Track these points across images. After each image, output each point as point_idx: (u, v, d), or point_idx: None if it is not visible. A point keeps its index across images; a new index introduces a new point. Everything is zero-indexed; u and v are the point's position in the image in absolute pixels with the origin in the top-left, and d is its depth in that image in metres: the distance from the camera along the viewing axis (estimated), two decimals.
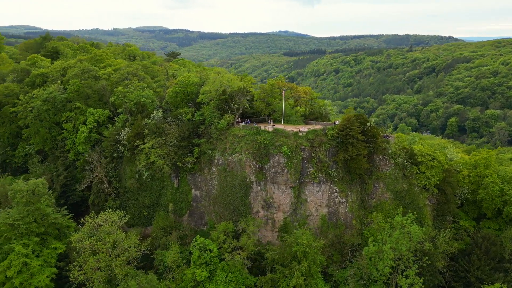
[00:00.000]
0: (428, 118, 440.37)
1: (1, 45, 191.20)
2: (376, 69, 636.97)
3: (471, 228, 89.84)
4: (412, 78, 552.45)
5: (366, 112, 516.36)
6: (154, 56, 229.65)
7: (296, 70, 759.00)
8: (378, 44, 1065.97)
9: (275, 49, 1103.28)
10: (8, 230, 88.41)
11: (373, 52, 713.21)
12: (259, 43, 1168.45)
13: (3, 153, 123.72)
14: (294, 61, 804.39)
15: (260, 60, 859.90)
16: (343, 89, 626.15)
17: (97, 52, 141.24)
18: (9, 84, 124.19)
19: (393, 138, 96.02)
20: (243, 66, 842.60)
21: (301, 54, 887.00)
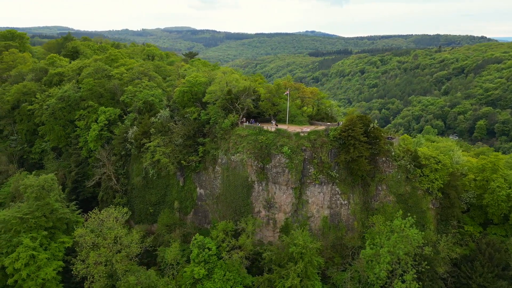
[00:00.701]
0: (455, 120, 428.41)
1: (26, 45, 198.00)
2: (403, 69, 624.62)
3: (477, 234, 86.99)
4: (440, 79, 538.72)
5: (391, 113, 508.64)
6: (174, 56, 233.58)
7: (321, 70, 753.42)
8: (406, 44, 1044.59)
9: (301, 49, 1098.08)
10: (18, 224, 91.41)
11: (400, 52, 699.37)
12: (284, 43, 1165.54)
13: (20, 149, 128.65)
14: (319, 61, 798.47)
15: (285, 61, 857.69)
16: (368, 90, 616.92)
17: (112, 52, 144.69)
18: (27, 83, 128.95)
19: (397, 140, 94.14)
20: (267, 66, 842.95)
21: (327, 55, 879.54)
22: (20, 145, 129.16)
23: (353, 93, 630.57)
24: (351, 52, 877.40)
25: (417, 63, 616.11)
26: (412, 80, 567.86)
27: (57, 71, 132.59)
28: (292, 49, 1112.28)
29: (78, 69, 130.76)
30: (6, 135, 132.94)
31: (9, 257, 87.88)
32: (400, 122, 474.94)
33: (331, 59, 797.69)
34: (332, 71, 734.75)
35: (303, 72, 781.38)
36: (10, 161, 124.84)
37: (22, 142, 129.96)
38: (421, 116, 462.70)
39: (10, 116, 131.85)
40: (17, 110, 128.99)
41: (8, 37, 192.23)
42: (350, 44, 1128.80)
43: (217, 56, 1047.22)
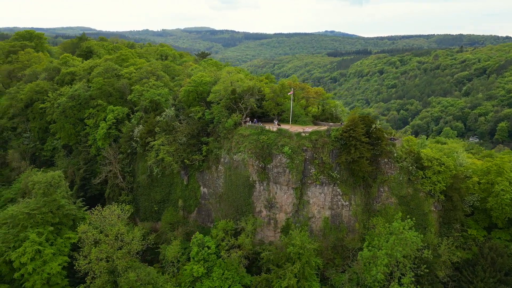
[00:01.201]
0: (475, 122, 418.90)
1: (44, 45, 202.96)
2: (423, 70, 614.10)
3: (481, 238, 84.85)
4: (461, 80, 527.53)
5: (409, 114, 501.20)
6: (188, 56, 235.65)
7: (339, 70, 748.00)
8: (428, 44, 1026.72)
9: (319, 49, 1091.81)
10: (25, 219, 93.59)
11: (420, 52, 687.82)
12: (303, 43, 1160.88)
13: (33, 147, 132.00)
14: (337, 61, 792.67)
15: (303, 61, 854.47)
16: (387, 91, 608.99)
17: (122, 52, 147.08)
18: (40, 82, 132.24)
19: (400, 141, 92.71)
20: (285, 66, 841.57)
21: (346, 55, 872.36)
22: (33, 143, 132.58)
23: (371, 93, 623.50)
24: (370, 52, 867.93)
25: (437, 63, 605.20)
26: (432, 80, 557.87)
27: (69, 70, 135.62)
28: (311, 49, 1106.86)
29: (89, 68, 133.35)
30: (19, 132, 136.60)
31: (16, 252, 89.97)
32: (418, 123, 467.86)
33: (349, 59, 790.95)
34: (350, 71, 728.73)
35: (321, 72, 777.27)
36: (22, 158, 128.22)
37: (35, 140, 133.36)
38: (440, 118, 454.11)
39: (23, 114, 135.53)
40: (30, 108, 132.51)
41: (27, 37, 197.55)
42: (369, 44, 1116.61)
43: (236, 56, 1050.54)
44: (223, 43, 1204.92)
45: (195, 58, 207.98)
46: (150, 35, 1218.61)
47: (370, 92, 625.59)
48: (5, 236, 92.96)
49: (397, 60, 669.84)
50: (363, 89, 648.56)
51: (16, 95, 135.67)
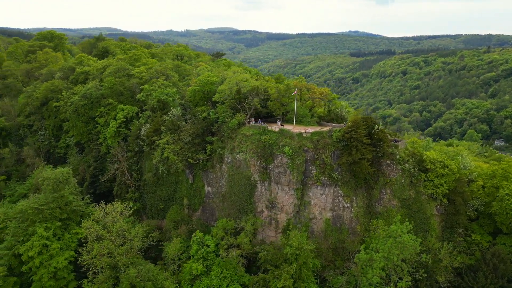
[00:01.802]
0: (501, 124, 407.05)
1: (65, 45, 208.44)
2: (448, 71, 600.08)
3: (485, 243, 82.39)
4: (487, 81, 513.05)
5: (432, 116, 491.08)
6: (205, 56, 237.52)
7: (361, 71, 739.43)
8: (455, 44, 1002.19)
9: (342, 50, 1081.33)
10: (34, 214, 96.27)
11: (446, 53, 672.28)
12: (326, 43, 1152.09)
13: (47, 144, 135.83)
14: (360, 62, 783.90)
15: (325, 61, 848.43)
16: (410, 92, 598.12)
17: (135, 52, 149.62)
18: (55, 81, 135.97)
19: (404, 143, 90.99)
20: (307, 67, 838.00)
21: (369, 55, 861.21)
22: (47, 140, 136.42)
23: (393, 94, 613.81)
24: (394, 53, 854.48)
25: (463, 64, 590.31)
26: (457, 82, 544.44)
27: (83, 70, 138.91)
28: (333, 49, 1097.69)
29: (102, 68, 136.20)
30: (35, 130, 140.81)
31: (24, 245, 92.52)
32: (441, 125, 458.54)
33: (372, 59, 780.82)
34: (373, 72, 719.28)
35: (343, 72, 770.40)
36: (37, 155, 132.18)
37: (49, 137, 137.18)
38: (464, 120, 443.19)
39: (39, 112, 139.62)
40: (45, 107, 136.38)
41: (48, 37, 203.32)
42: (394, 45, 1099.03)
43: (257, 56, 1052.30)
44: (246, 44, 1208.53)
45: (210, 58, 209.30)
46: (174, 35, 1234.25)
47: (393, 93, 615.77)
48: (15, 230, 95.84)
49: (421, 60, 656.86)
50: (385, 90, 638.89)
51: (32, 93, 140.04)
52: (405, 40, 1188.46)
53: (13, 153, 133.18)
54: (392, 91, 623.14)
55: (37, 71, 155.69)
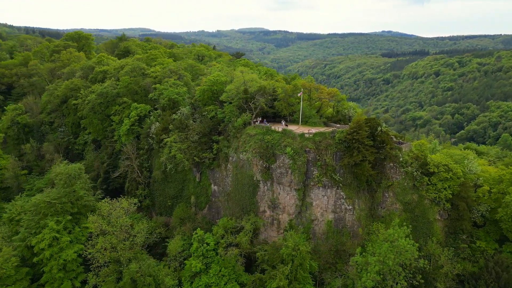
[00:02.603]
0: None
1: (91, 45, 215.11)
2: (483, 72, 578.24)
3: (490, 251, 79.06)
4: None
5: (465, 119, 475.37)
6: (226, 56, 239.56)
7: (392, 72, 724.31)
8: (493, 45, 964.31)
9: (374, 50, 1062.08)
10: (46, 207, 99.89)
11: (482, 54, 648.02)
12: (358, 43, 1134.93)
13: (66, 140, 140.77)
14: (391, 62, 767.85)
15: (356, 61, 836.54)
16: (442, 93, 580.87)
17: (152, 52, 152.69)
18: (75, 80, 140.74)
19: (409, 145, 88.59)
20: (337, 67, 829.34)
21: (401, 55, 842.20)
22: (67, 137, 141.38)
23: (425, 96, 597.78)
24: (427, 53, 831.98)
25: (500, 65, 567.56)
26: (493, 83, 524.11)
27: (102, 69, 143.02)
28: (365, 50, 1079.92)
29: (120, 67, 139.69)
30: (55, 127, 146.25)
31: (36, 238, 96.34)
32: (474, 128, 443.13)
33: (404, 60, 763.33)
34: (404, 73, 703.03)
35: (373, 73, 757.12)
36: (56, 151, 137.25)
37: (68, 134, 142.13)
38: (498, 123, 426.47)
39: (59, 109, 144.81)
40: (65, 105, 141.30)
41: (75, 37, 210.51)
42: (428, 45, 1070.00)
43: (287, 56, 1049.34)
44: (276, 44, 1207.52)
45: (230, 58, 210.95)
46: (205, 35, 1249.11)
47: (424, 95, 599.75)
48: (28, 222, 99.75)
49: (455, 61, 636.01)
50: (417, 92, 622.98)
51: (54, 92, 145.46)
52: (441, 40, 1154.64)
53: (34, 149, 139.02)
54: (423, 92, 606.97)
55: (60, 70, 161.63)
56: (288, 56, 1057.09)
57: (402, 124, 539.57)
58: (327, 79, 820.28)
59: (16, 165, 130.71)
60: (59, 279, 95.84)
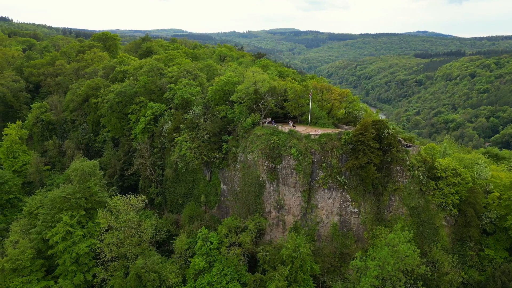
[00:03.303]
0: None
1: (118, 45, 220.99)
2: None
3: (499, 259, 75.58)
4: None
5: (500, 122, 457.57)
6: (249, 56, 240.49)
7: (425, 73, 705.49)
8: None
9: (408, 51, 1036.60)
10: (61, 202, 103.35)
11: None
12: (390, 44, 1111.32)
13: (87, 138, 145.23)
14: (424, 63, 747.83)
15: (387, 62, 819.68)
16: (477, 96, 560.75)
17: (171, 52, 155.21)
18: (96, 79, 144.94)
19: (417, 148, 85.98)
20: (368, 68, 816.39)
21: (435, 56, 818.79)
22: (87, 134, 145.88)
23: (459, 98, 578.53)
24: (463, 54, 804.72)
25: None
26: None
27: (122, 69, 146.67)
28: (398, 50, 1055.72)
29: (139, 67, 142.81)
30: (77, 124, 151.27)
31: (51, 231, 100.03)
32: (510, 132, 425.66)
33: (438, 61, 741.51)
34: (437, 74, 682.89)
35: (405, 74, 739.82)
36: (77, 148, 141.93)
37: (89, 132, 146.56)
38: None
39: (81, 108, 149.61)
40: (86, 103, 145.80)
41: (103, 38, 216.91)
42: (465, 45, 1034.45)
43: (318, 57, 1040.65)
44: (306, 44, 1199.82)
45: (251, 59, 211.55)
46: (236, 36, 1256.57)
47: (458, 97, 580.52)
48: (45, 216, 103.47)
49: (492, 62, 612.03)
50: (450, 94, 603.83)
51: (76, 90, 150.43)
52: (478, 40, 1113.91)
53: (56, 145, 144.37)
54: (457, 94, 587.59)
55: (84, 69, 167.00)
56: (319, 56, 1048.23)
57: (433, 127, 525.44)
58: (358, 80, 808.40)
59: (39, 161, 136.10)
60: (72, 272, 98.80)
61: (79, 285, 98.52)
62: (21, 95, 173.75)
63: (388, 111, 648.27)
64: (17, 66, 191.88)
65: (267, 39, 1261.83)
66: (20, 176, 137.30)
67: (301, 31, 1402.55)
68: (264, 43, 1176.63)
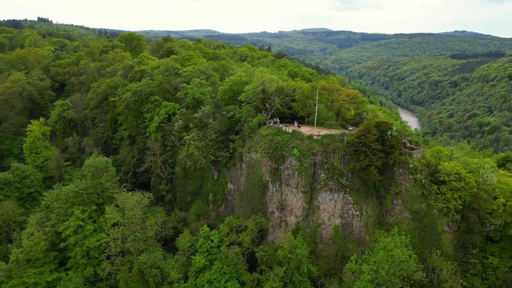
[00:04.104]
0: None
1: (143, 46, 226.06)
2: None
3: (504, 268, 71.96)
4: None
5: None
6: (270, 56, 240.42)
7: (461, 74, 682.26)
8: None
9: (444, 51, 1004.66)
10: (74, 197, 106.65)
11: None
12: (426, 44, 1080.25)
13: (106, 135, 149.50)
14: (460, 64, 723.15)
15: (421, 63, 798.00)
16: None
17: (188, 52, 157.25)
18: (116, 78, 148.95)
19: (422, 151, 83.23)
20: (400, 68, 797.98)
21: (472, 57, 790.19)
22: (106, 132, 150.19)
23: (495, 100, 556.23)
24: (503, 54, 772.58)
25: None
26: None
27: (141, 68, 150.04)
28: (434, 51, 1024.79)
29: (156, 67, 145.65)
30: (97, 122, 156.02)
31: (63, 224, 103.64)
32: None
33: (476, 62, 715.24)
34: (474, 76, 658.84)
35: (440, 75, 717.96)
36: (95, 145, 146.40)
37: (108, 129, 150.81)
38: None
39: (100, 106, 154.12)
40: (106, 102, 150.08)
41: (128, 38, 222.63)
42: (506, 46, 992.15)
43: (349, 57, 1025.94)
44: (338, 44, 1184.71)
45: (272, 59, 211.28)
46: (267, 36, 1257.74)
47: (495, 99, 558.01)
48: (59, 210, 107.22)
49: None
50: (487, 96, 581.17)
51: (97, 89, 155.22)
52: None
53: (75, 142, 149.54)
54: (494, 97, 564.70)
55: (105, 69, 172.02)
56: (350, 57, 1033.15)
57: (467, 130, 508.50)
58: (390, 81, 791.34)
59: (59, 156, 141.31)
60: (83, 265, 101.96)
61: (89, 277, 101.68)
62: (46, 93, 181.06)
63: (420, 113, 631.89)
64: (45, 65, 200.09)
65: (298, 39, 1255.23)
66: (42, 171, 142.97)
67: (333, 31, 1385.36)
68: (295, 43, 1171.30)
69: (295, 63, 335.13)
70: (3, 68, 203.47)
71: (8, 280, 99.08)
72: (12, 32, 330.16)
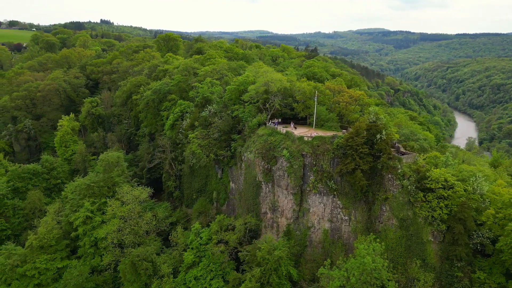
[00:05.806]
0: None
1: (179, 46, 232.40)
2: None
3: (493, 284, 65.75)
4: None
5: None
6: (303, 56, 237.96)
7: None
8: None
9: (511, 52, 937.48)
10: (85, 189, 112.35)
11: None
12: (491, 45, 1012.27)
13: (129, 132, 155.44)
14: None
15: (484, 65, 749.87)
16: None
17: (209, 52, 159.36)
18: (140, 77, 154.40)
19: (413, 156, 78.31)
20: (460, 70, 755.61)
21: None
22: (130, 128, 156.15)
23: None
24: None
25: None
26: None
27: (164, 68, 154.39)
28: (500, 52, 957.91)
29: (178, 66, 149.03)
30: (122, 119, 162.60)
31: (74, 215, 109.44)
32: None
33: None
34: None
35: (503, 78, 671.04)
36: (118, 141, 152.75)
37: (131, 126, 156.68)
38: None
39: (126, 104, 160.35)
40: (130, 100, 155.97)
41: (165, 39, 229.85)
42: None
43: (406, 58, 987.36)
44: (395, 45, 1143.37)
45: (302, 58, 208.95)
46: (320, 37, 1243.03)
47: None
48: (72, 201, 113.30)
49: None
50: None
51: (123, 87, 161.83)
52: None
53: (100, 137, 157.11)
54: None
55: (134, 68, 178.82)
56: (407, 58, 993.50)
57: None
58: (448, 83, 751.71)
59: (85, 150, 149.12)
60: (91, 254, 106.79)
61: (96, 266, 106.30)
62: (80, 90, 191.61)
63: (479, 118, 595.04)
64: (82, 64, 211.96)
65: (353, 39, 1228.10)
66: (70, 163, 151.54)
67: (390, 31, 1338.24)
68: (349, 44, 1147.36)
69: (338, 64, 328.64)
70: (50, 67, 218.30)
71: (23, 264, 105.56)
72: (69, 33, 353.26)
